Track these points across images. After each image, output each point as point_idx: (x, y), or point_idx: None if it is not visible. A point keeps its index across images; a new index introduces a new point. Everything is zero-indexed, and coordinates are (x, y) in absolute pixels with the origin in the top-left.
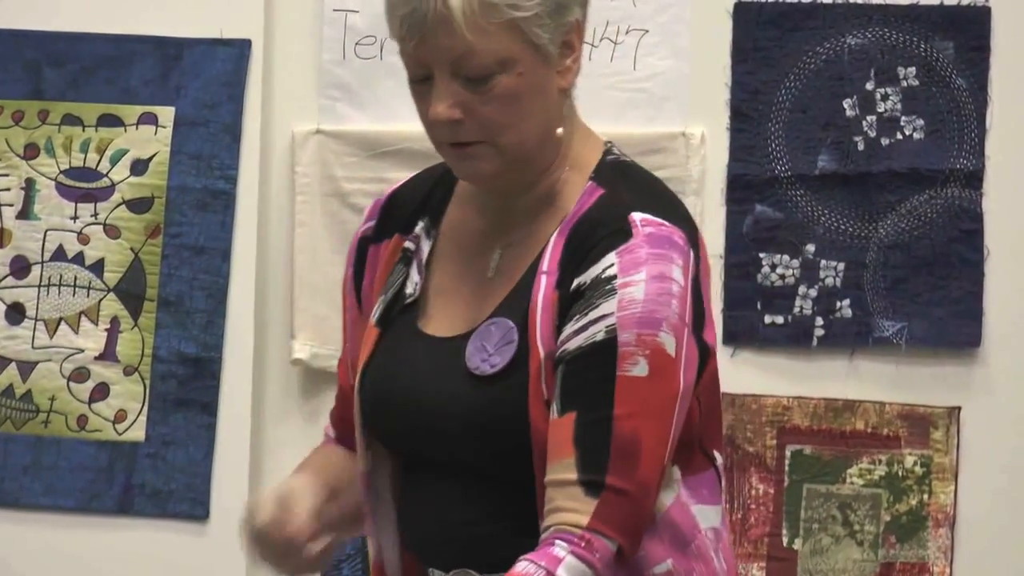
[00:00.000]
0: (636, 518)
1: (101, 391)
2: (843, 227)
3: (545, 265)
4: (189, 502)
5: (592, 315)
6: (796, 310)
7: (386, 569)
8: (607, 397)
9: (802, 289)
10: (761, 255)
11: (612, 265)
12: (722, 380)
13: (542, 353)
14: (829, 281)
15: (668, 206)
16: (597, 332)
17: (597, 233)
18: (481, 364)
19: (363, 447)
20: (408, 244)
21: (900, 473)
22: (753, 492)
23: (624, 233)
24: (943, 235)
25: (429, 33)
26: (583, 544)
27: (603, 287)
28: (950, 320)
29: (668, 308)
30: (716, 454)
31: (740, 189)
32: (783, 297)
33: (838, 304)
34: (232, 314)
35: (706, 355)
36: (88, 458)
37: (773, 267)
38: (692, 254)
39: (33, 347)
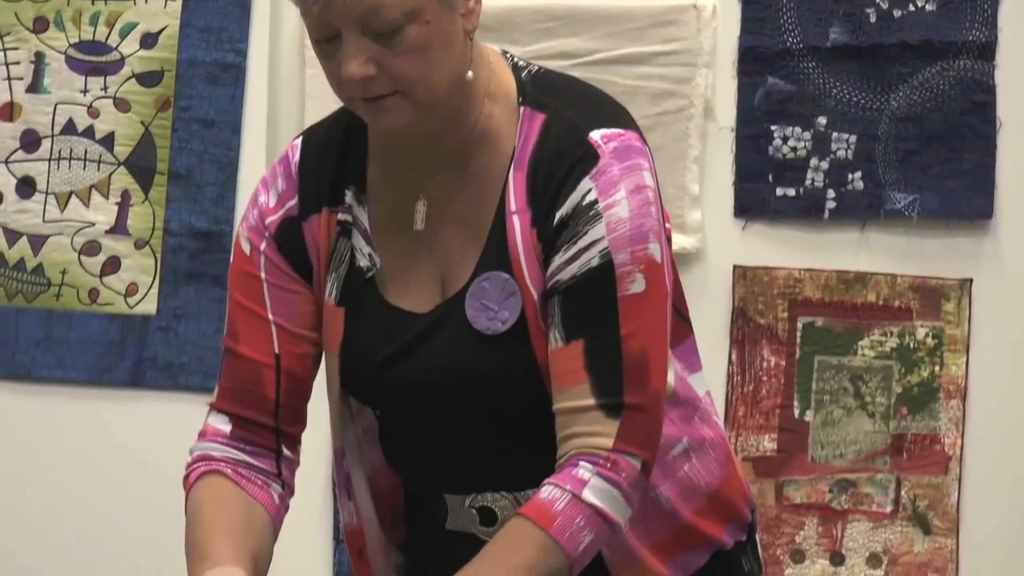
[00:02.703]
0: (655, 429)
1: (112, 265)
2: (855, 99)
3: (512, 205)
4: (201, 375)
5: (582, 243)
6: (808, 182)
7: (365, 529)
8: (612, 320)
9: (814, 161)
10: (773, 128)
11: (590, 191)
12: (734, 253)
13: (535, 295)
14: (841, 153)
15: (612, 112)
16: (591, 258)
17: (563, 163)
18: (491, 323)
19: (339, 427)
20: (343, 216)
21: (912, 345)
22: (765, 364)
23: (591, 157)
24: (955, 107)
25: None
26: (609, 465)
27: (587, 213)
28: (962, 192)
29: (650, 217)
30: (686, 310)
31: (751, 61)
32: (795, 169)
33: (850, 176)
34: (243, 187)
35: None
36: (100, 331)
37: (785, 139)
38: (647, 148)
39: (44, 221)
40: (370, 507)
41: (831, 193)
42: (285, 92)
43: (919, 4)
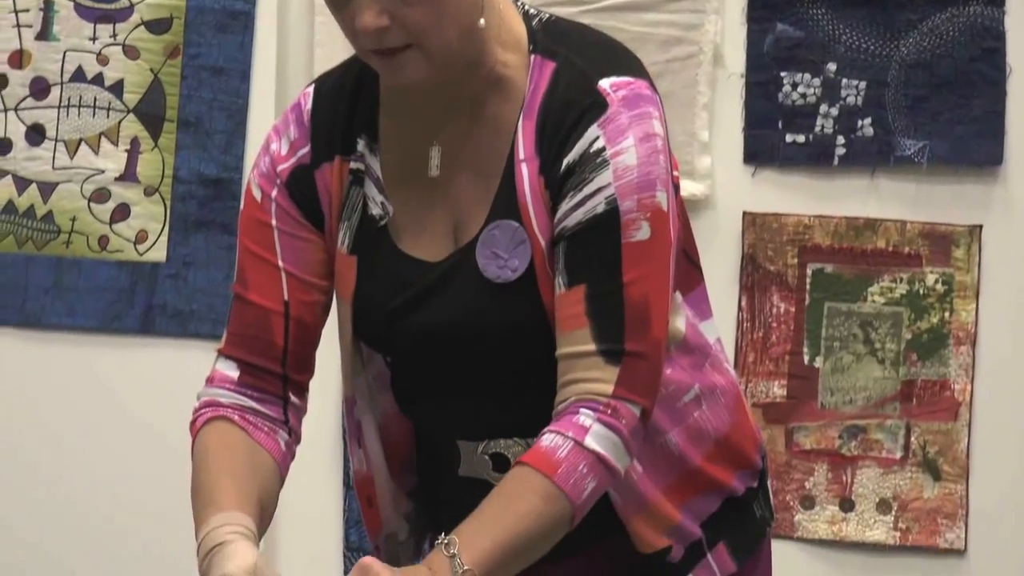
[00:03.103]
0: (655, 377)
1: (122, 212)
2: (864, 46)
3: (521, 153)
4: (210, 322)
5: (588, 189)
6: (817, 129)
7: (375, 477)
8: (615, 266)
9: (823, 108)
10: (782, 74)
11: (598, 138)
12: (743, 199)
13: (543, 243)
14: (850, 100)
15: (622, 59)
16: (597, 204)
17: (571, 111)
18: (501, 272)
19: (350, 374)
20: (355, 165)
21: (921, 291)
22: (774, 311)
23: (599, 105)
24: (965, 53)
25: None
26: (609, 411)
27: (594, 160)
28: (972, 138)
29: (658, 166)
30: (697, 257)
31: (761, 8)
32: (804, 116)
33: (859, 123)
34: (252, 135)
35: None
36: (109, 279)
37: (794, 86)
38: (657, 96)
39: (54, 168)
40: (380, 454)
41: (840, 140)
42: (294, 39)
43: None
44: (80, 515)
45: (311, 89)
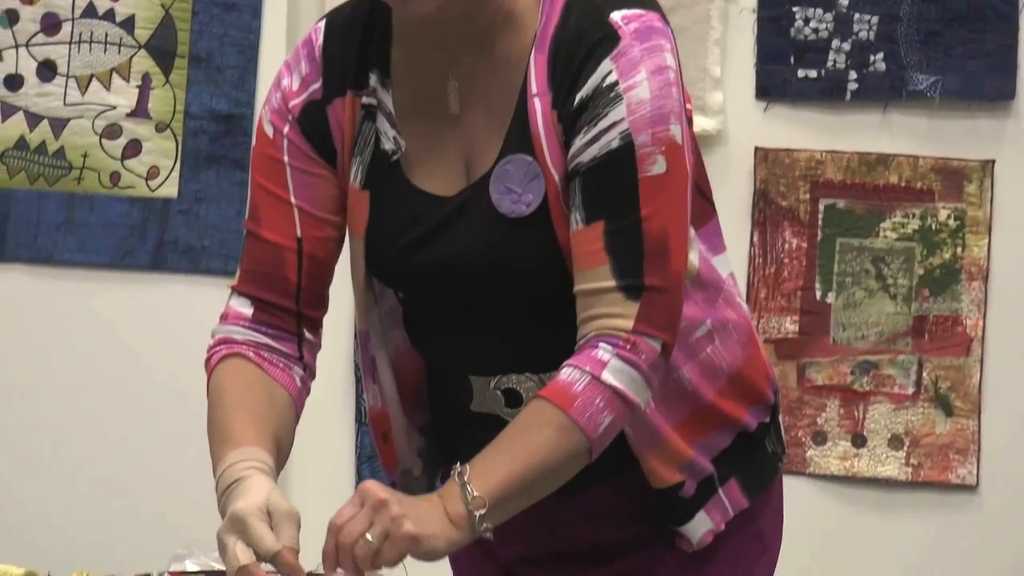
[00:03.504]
0: (675, 311)
1: (133, 148)
2: None
3: (534, 88)
4: (222, 258)
5: (602, 124)
6: (829, 64)
7: (390, 412)
8: (632, 201)
9: (835, 43)
10: (794, 9)
11: (610, 72)
12: (756, 135)
13: (557, 178)
14: (863, 35)
15: None
16: (612, 140)
17: (583, 44)
18: (514, 206)
19: (363, 310)
20: (367, 100)
21: (933, 226)
22: (786, 246)
23: (611, 38)
24: None
25: None
26: (629, 347)
27: (607, 95)
28: (984, 73)
29: (671, 99)
30: (709, 192)
31: None
32: (816, 51)
33: (872, 57)
34: (263, 70)
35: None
36: (121, 214)
37: (806, 21)
38: (669, 29)
39: (65, 104)
40: (393, 390)
41: (853, 74)
42: None
43: None
44: (94, 447)
45: (322, 24)
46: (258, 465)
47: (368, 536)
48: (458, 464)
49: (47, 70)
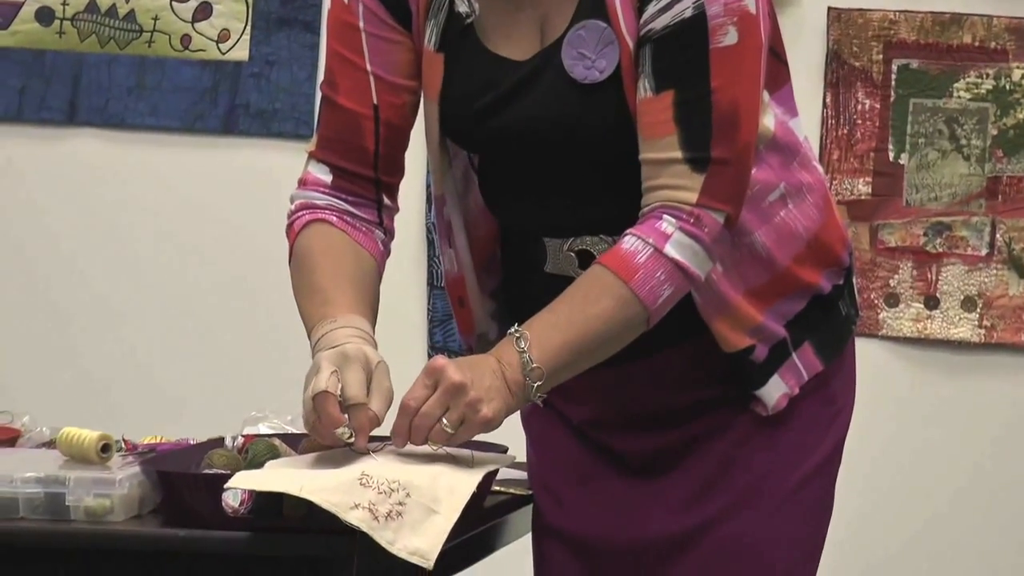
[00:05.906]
0: (741, 183)
1: (204, 10)
2: None
3: None
4: (293, 121)
5: None
6: None
7: (466, 276)
8: (703, 72)
9: None
10: None
11: None
12: None
13: (631, 44)
14: None
15: None
16: (685, 9)
17: None
18: (588, 72)
19: (439, 172)
20: None
21: (1007, 87)
22: (859, 107)
23: None
24: None
25: None
26: (692, 220)
27: None
28: None
29: None
30: (784, 54)
31: None
32: None
33: None
34: None
35: None
36: (192, 78)
37: None
38: None
39: None
40: (467, 253)
41: None
42: None
43: None
44: (165, 318)
45: None
46: (363, 335)
47: (445, 422)
48: (516, 325)
49: None
